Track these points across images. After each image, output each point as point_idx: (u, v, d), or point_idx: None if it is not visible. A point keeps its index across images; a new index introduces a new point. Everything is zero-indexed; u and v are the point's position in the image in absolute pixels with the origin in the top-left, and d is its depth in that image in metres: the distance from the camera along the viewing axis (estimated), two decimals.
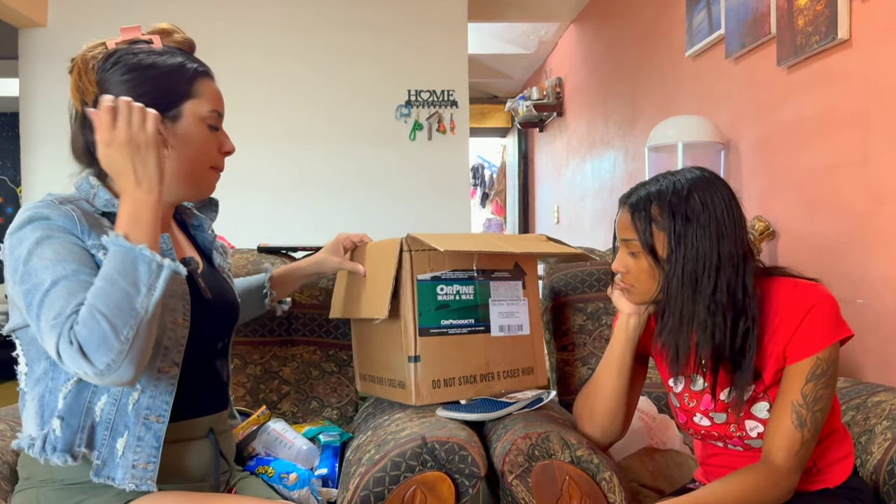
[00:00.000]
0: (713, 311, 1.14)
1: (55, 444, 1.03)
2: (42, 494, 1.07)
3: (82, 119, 1.14)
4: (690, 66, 2.83)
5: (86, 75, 1.12)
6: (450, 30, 3.81)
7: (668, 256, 1.15)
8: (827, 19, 1.85)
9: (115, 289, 0.95)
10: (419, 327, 1.41)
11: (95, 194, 1.11)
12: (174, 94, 1.14)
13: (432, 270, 1.42)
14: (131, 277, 0.96)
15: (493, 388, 1.50)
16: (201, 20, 3.61)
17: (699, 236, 1.14)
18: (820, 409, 1.13)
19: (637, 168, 3.45)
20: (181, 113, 1.15)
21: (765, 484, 1.11)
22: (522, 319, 1.56)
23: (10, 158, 6.75)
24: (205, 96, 1.17)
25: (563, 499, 1.20)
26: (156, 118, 1.05)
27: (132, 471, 1.05)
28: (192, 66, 1.18)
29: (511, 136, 6.77)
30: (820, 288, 1.17)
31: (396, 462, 1.20)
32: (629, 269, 1.22)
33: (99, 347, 0.93)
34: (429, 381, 1.42)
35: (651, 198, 1.17)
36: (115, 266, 0.97)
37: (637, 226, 1.17)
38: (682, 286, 1.15)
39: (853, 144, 1.82)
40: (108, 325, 0.93)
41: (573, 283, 1.85)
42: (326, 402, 1.77)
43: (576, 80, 4.76)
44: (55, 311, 0.95)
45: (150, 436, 1.07)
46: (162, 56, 1.15)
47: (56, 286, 0.97)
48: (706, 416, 1.25)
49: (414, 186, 3.83)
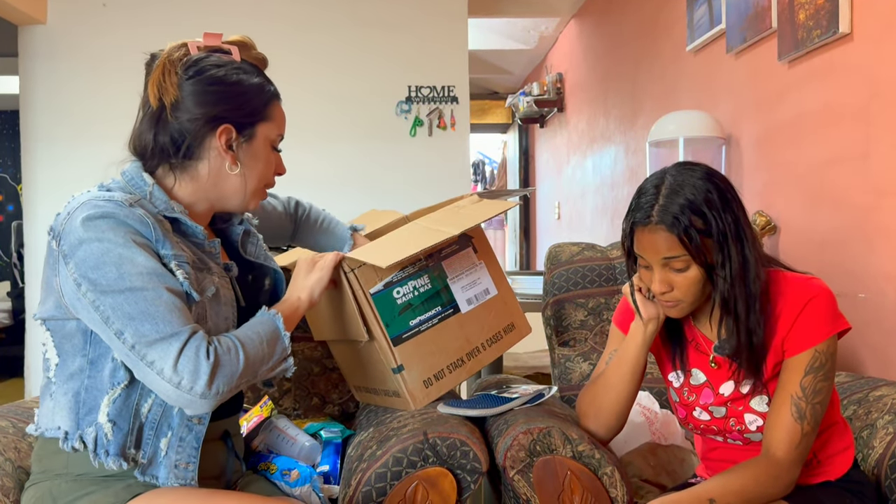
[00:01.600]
0: (753, 297, 1.15)
1: (107, 447, 1.06)
2: (55, 486, 1.08)
3: (157, 117, 1.14)
4: (691, 61, 2.82)
5: (169, 77, 1.12)
6: (450, 25, 3.80)
7: (722, 261, 1.14)
8: (828, 13, 1.84)
9: (260, 346, 1.09)
10: (390, 338, 1.38)
11: (151, 193, 1.12)
12: (252, 115, 1.16)
13: (381, 279, 1.39)
14: (270, 349, 1.11)
15: (482, 361, 1.49)
16: (201, 17, 3.61)
17: (735, 229, 1.14)
18: (819, 402, 1.13)
19: (638, 163, 3.44)
20: (254, 134, 1.17)
21: (765, 477, 1.11)
22: (486, 283, 1.52)
23: (10, 156, 6.75)
24: (276, 120, 1.20)
25: (565, 494, 1.21)
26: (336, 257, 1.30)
27: (175, 470, 1.08)
28: (270, 89, 1.20)
29: (512, 132, 6.77)
30: (817, 281, 1.17)
31: (398, 458, 1.20)
32: (675, 285, 1.17)
33: (225, 377, 1.02)
34: (420, 384, 1.41)
35: (684, 209, 1.13)
36: (265, 332, 1.11)
37: (685, 241, 1.12)
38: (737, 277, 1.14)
39: (854, 138, 1.81)
40: (242, 367, 1.05)
41: (574, 278, 1.85)
42: (328, 399, 1.77)
43: (576, 76, 4.75)
44: (174, 326, 1.00)
45: (192, 437, 1.10)
46: (245, 74, 1.16)
47: (162, 297, 1.01)
48: (706, 411, 1.25)
49: (414, 183, 3.83)
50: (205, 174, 1.15)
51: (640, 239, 1.16)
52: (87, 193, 1.08)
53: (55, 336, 1.10)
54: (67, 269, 1.02)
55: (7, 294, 5.23)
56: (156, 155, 1.14)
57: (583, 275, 1.85)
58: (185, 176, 1.15)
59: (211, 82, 1.13)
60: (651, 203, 1.15)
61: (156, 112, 1.13)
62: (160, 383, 1.00)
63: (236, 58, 1.17)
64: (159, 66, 1.12)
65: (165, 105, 1.12)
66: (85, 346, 1.07)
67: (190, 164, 1.15)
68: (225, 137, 1.14)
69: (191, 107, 1.12)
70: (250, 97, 1.16)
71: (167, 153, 1.13)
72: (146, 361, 0.99)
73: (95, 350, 1.07)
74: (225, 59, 1.16)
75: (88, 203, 1.04)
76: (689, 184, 1.15)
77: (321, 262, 1.30)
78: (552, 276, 1.88)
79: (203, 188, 1.16)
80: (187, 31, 1.28)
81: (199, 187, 1.16)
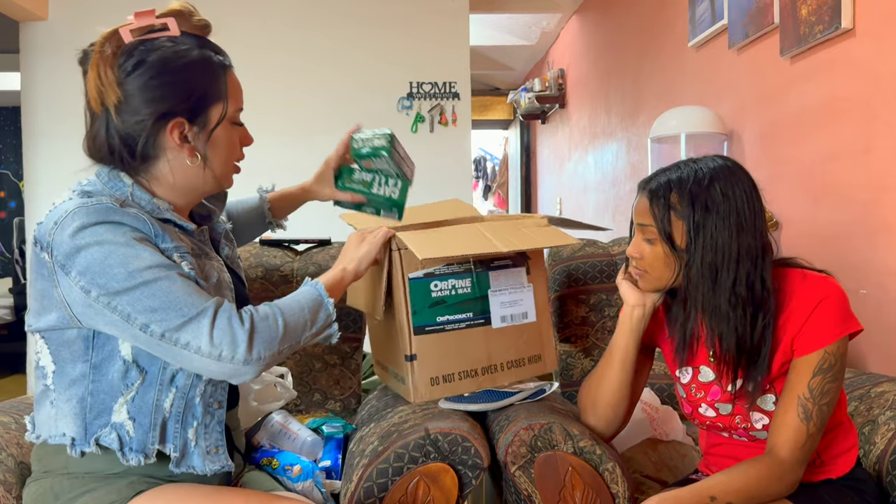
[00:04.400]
0: (734, 304, 1.13)
1: (131, 444, 1.06)
2: (56, 483, 1.08)
3: (105, 122, 1.07)
4: (693, 57, 2.82)
5: (106, 76, 1.04)
6: (451, 21, 3.80)
7: (687, 246, 1.14)
8: (830, 9, 1.84)
9: (301, 313, 1.09)
10: (413, 326, 1.39)
11: (132, 193, 1.09)
12: (202, 100, 1.09)
13: (424, 267, 1.39)
14: (313, 315, 1.10)
15: (496, 380, 1.48)
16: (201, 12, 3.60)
17: (718, 227, 1.12)
18: (826, 403, 1.12)
19: (640, 159, 3.44)
20: (209, 119, 1.10)
21: (769, 477, 1.11)
22: (527, 307, 1.51)
23: (12, 153, 6.75)
24: (230, 95, 1.12)
25: (566, 490, 1.21)
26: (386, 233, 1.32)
27: (208, 457, 1.10)
28: (216, 62, 1.11)
29: (513, 128, 6.76)
30: (830, 281, 1.16)
31: (400, 453, 1.20)
32: (644, 254, 1.20)
33: (264, 342, 1.02)
34: (426, 379, 1.41)
35: (671, 185, 1.15)
36: (306, 300, 1.11)
37: (655, 212, 1.16)
38: (701, 277, 1.14)
39: (856, 134, 1.81)
40: (282, 332, 1.05)
41: (576, 274, 1.85)
42: (329, 395, 1.77)
43: (578, 72, 4.74)
44: (198, 305, 1.00)
45: (215, 421, 1.12)
46: (187, 52, 1.07)
47: (176, 284, 1.00)
48: (712, 407, 1.25)
49: (416, 179, 3.81)
50: (167, 172, 1.11)
51: (635, 203, 1.22)
52: (70, 202, 1.04)
53: (51, 344, 1.07)
54: (70, 279, 1.00)
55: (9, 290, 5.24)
56: (115, 160, 1.09)
57: (584, 271, 1.85)
58: (149, 176, 1.11)
59: (152, 74, 1.05)
60: (657, 174, 1.20)
61: (102, 117, 1.07)
62: (201, 361, 1.00)
63: (175, 31, 1.08)
64: (93, 65, 1.04)
65: (109, 109, 1.05)
66: (87, 351, 1.06)
67: (151, 165, 1.10)
68: (178, 132, 1.08)
69: (136, 107, 1.05)
70: (196, 82, 1.08)
71: (123, 158, 1.08)
72: (181, 345, 0.99)
73: (99, 354, 1.06)
74: (162, 41, 1.07)
75: (79, 211, 1.01)
76: (696, 169, 1.16)
77: (370, 236, 1.31)
78: (553, 272, 1.88)
79: (171, 185, 1.12)
80: None
81: (167, 184, 1.12)
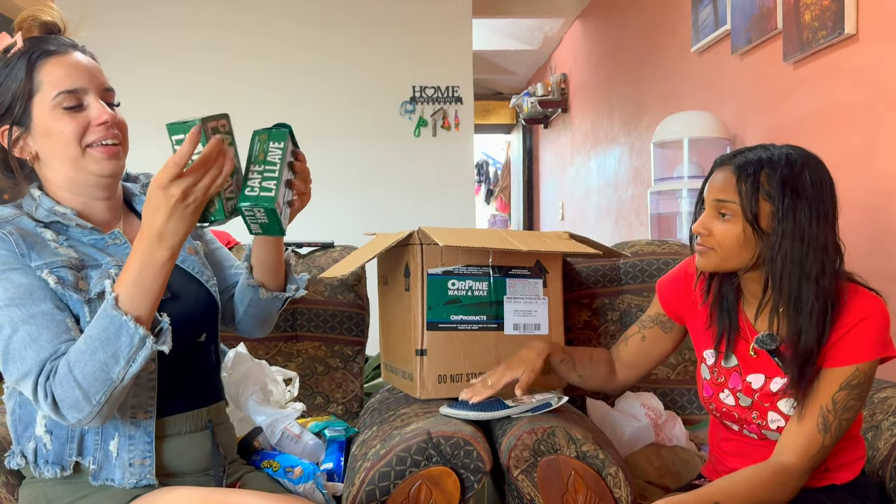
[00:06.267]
0: (819, 297, 1.10)
1: (46, 457, 1.06)
2: (49, 489, 1.08)
3: None
4: (696, 62, 2.82)
5: None
6: (454, 26, 3.81)
7: (774, 229, 1.09)
8: (834, 14, 1.84)
9: (93, 359, 0.94)
10: (427, 321, 1.42)
11: (38, 206, 1.09)
12: (14, 98, 1.05)
13: (444, 265, 1.42)
14: (112, 348, 0.94)
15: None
16: (205, 15, 3.61)
17: (808, 215, 1.08)
18: (847, 419, 1.11)
19: (642, 164, 3.44)
20: (31, 115, 1.06)
21: (774, 483, 1.10)
22: (541, 319, 1.52)
23: None
24: (46, 83, 1.05)
25: (569, 494, 1.20)
26: (219, 186, 0.94)
27: (129, 469, 1.07)
28: (24, 59, 1.05)
29: (516, 133, 6.76)
30: (879, 301, 1.14)
31: (402, 457, 1.20)
32: (713, 231, 1.14)
33: (71, 407, 0.96)
34: (435, 376, 1.43)
35: (762, 163, 1.10)
36: (98, 331, 0.95)
37: (742, 189, 1.09)
38: (789, 262, 1.09)
39: (860, 139, 1.81)
40: (80, 393, 0.95)
41: (577, 279, 1.85)
42: (332, 398, 1.77)
43: (580, 76, 4.75)
44: (27, 363, 0.97)
45: (141, 432, 1.09)
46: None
47: (17, 333, 0.98)
48: (733, 395, 1.23)
49: (418, 183, 3.83)
50: (50, 176, 1.10)
51: (711, 178, 1.17)
52: None
53: None
54: None
55: None
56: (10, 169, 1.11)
57: (587, 275, 1.85)
58: (44, 182, 1.11)
59: None
60: (743, 150, 1.15)
61: None
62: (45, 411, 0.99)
63: (20, 45, 1.06)
64: None
65: None
66: None
67: (35, 173, 1.11)
68: (6, 140, 1.07)
69: None
70: (4, 86, 1.05)
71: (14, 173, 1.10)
72: (28, 395, 0.99)
73: None
74: None
75: None
76: (786, 153, 1.12)
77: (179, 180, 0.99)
78: None
79: (60, 186, 1.10)
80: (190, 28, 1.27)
81: (59, 186, 1.10)
